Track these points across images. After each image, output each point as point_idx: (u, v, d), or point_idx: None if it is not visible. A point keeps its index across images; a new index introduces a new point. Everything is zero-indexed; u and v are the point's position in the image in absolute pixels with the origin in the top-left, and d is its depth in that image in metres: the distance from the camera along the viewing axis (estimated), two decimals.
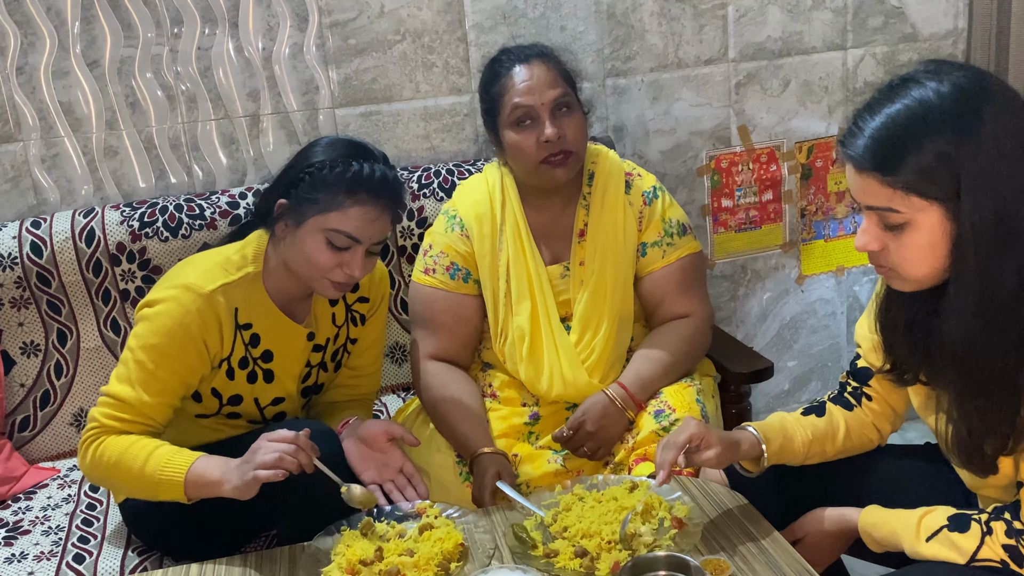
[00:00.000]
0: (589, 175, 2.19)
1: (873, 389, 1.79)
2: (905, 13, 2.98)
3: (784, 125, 2.98)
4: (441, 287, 2.19)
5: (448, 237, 2.20)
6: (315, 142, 1.94)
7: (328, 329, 2.05)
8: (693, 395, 2.10)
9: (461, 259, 2.19)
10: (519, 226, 2.17)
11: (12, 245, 2.32)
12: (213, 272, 1.90)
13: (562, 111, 2.07)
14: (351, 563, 1.67)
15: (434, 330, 2.20)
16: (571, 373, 2.11)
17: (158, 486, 1.76)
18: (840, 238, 3.11)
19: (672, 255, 2.18)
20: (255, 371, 1.96)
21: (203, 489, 1.75)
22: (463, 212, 2.21)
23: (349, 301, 2.08)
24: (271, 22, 2.53)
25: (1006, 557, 1.47)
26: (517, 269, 2.15)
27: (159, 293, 1.87)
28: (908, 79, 1.43)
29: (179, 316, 1.83)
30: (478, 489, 1.96)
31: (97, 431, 1.83)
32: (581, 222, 2.18)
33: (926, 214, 1.40)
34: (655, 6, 2.77)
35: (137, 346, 1.84)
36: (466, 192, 2.26)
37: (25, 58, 2.40)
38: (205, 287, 1.86)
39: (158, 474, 1.76)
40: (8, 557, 2.03)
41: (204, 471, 1.75)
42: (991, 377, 1.42)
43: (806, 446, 1.75)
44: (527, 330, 2.14)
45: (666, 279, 2.18)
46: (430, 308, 2.20)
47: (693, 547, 1.66)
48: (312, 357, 2.04)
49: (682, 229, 2.21)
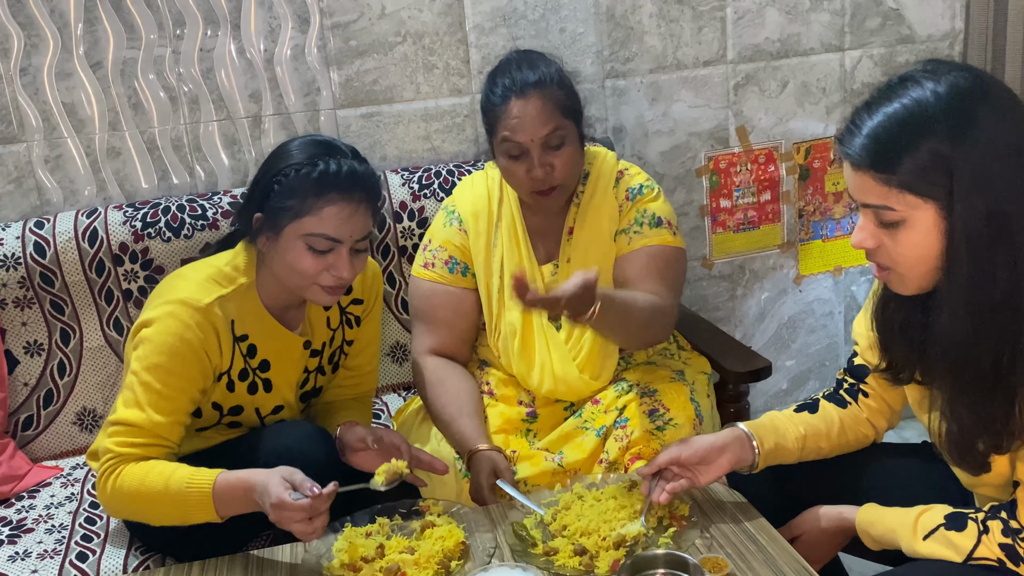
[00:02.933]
0: (584, 175, 2.19)
1: (870, 386, 1.80)
2: (902, 15, 2.99)
3: (782, 126, 2.99)
4: (440, 281, 2.21)
5: (447, 232, 2.22)
6: (280, 148, 1.89)
7: (323, 333, 2.04)
8: (688, 394, 2.11)
9: (460, 253, 2.21)
10: (515, 224, 2.19)
11: (16, 245, 2.33)
12: (207, 285, 1.86)
13: (553, 146, 2.03)
14: (353, 560, 1.68)
15: (433, 324, 2.22)
16: (562, 369, 2.12)
17: (185, 504, 1.72)
18: (838, 238, 3.13)
19: (638, 242, 2.14)
20: (255, 382, 1.94)
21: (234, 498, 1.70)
22: (461, 208, 2.24)
23: (343, 304, 2.07)
24: (273, 24, 2.54)
25: (1003, 556, 1.47)
26: (511, 266, 2.17)
27: (154, 311, 1.83)
28: (906, 79, 1.44)
29: (179, 331, 1.80)
30: (475, 487, 1.97)
31: (114, 461, 1.77)
32: (571, 220, 2.19)
33: (921, 212, 1.41)
34: (654, 8, 2.78)
35: (141, 368, 1.79)
36: (465, 188, 2.28)
37: (29, 59, 2.41)
38: (202, 300, 1.83)
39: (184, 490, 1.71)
40: (12, 555, 2.04)
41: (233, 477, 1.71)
42: (984, 376, 1.43)
43: (799, 442, 1.76)
44: (519, 327, 2.15)
45: (628, 264, 2.13)
46: (429, 302, 2.22)
47: (692, 545, 1.67)
48: (309, 363, 2.03)
49: (656, 221, 2.15)
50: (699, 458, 1.72)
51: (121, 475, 1.76)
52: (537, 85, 2.03)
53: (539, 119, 2.01)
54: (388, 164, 2.68)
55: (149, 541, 2.02)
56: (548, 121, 2.02)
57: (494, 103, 2.06)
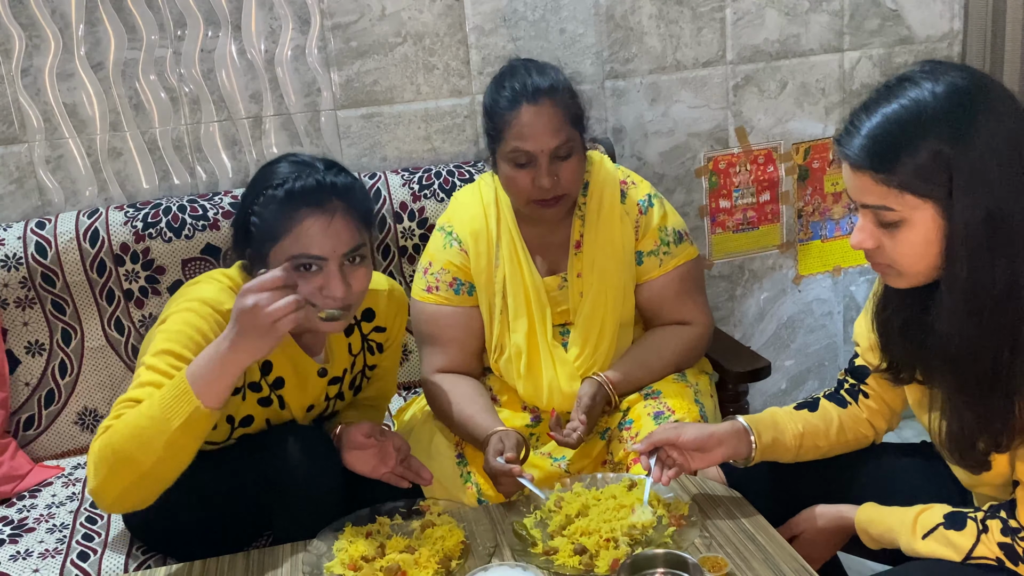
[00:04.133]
0: (584, 185, 2.16)
1: (870, 387, 1.80)
2: (901, 16, 3.00)
3: (781, 127, 3.00)
4: (446, 303, 2.18)
5: (447, 253, 2.19)
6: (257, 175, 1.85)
7: (344, 360, 1.98)
8: (692, 396, 2.11)
9: (463, 273, 2.18)
10: (514, 241, 2.15)
11: (17, 245, 2.34)
12: (228, 293, 1.81)
13: (562, 156, 2.02)
14: (353, 559, 1.68)
15: (443, 346, 2.19)
16: (569, 387, 2.11)
17: (167, 419, 1.58)
18: (837, 238, 3.13)
19: (669, 264, 2.18)
20: (269, 397, 1.89)
21: (215, 376, 1.59)
22: (459, 229, 2.19)
23: (365, 331, 2.01)
24: (273, 24, 2.54)
25: (1001, 555, 1.48)
26: (514, 285, 2.14)
27: (174, 307, 1.79)
28: (904, 79, 1.45)
29: (197, 324, 1.75)
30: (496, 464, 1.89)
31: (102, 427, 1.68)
32: (577, 233, 2.17)
33: (920, 212, 1.42)
34: (654, 9, 2.79)
35: (152, 354, 1.74)
36: (461, 208, 2.23)
37: (30, 60, 2.42)
38: (223, 304, 1.77)
39: (164, 404, 1.59)
40: (13, 554, 2.04)
41: (202, 360, 1.61)
42: (984, 374, 1.43)
43: (797, 439, 1.77)
44: (524, 348, 2.14)
45: (664, 288, 2.18)
46: (437, 325, 2.19)
47: (691, 544, 1.67)
48: (329, 390, 1.97)
49: (679, 237, 2.20)
50: (696, 445, 1.73)
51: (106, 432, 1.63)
52: (549, 92, 2.01)
53: (550, 128, 1.98)
54: (388, 165, 2.69)
55: (150, 541, 2.03)
56: (559, 131, 1.99)
57: (502, 108, 2.02)
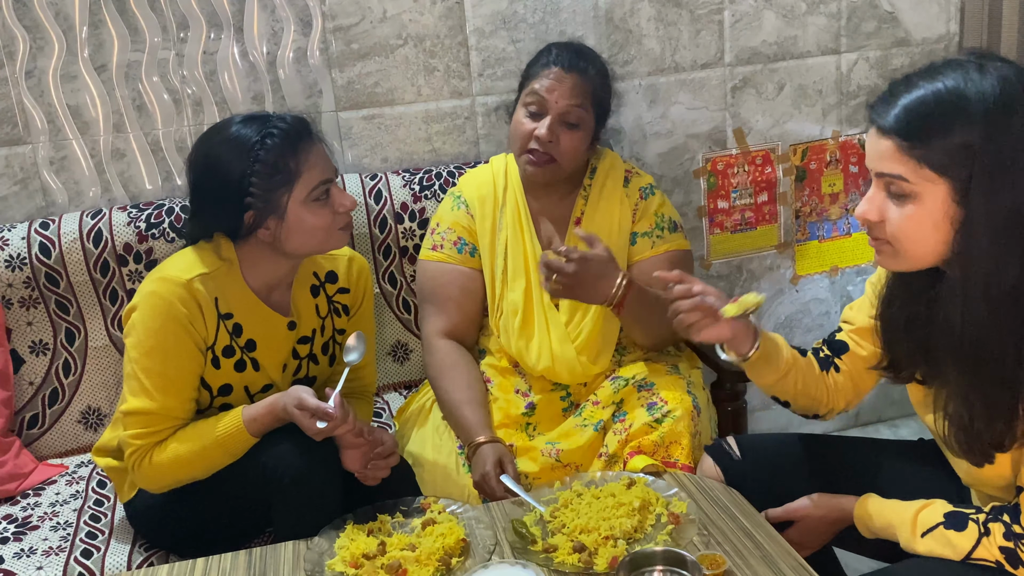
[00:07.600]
0: (592, 169, 2.30)
1: (844, 363, 1.81)
2: (898, 18, 3.02)
3: (779, 128, 3.01)
4: (449, 261, 2.29)
5: (454, 214, 2.32)
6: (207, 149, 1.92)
7: (312, 320, 2.06)
8: (684, 387, 2.15)
9: (468, 234, 2.30)
10: (519, 209, 2.28)
11: (21, 246, 2.35)
12: (189, 264, 1.90)
13: (568, 123, 2.17)
14: (354, 557, 1.70)
15: (442, 304, 2.28)
16: (560, 349, 2.19)
17: (224, 446, 1.85)
18: (834, 239, 3.15)
19: (661, 247, 2.27)
20: (242, 360, 1.96)
21: (266, 427, 1.86)
22: (467, 193, 2.34)
23: (330, 292, 2.09)
24: (275, 27, 2.56)
25: (1001, 559, 1.49)
26: (514, 249, 2.25)
27: (138, 296, 1.89)
28: (952, 62, 1.45)
29: (164, 308, 1.84)
30: (482, 478, 2.00)
31: (138, 453, 1.86)
32: (579, 210, 2.29)
33: (934, 190, 1.42)
34: (652, 11, 2.81)
35: (138, 355, 1.85)
36: (471, 176, 2.41)
37: (34, 62, 2.43)
38: (182, 276, 1.87)
39: (219, 438, 1.85)
40: (17, 552, 2.05)
41: (255, 410, 1.87)
42: (992, 364, 1.44)
43: (789, 363, 1.78)
44: (520, 305, 2.23)
45: (653, 268, 2.17)
46: (437, 283, 2.29)
47: (689, 542, 1.69)
48: (299, 348, 2.04)
49: (673, 226, 2.30)
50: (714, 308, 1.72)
51: (151, 457, 1.86)
52: (583, 69, 2.20)
53: (570, 91, 2.16)
54: (389, 166, 2.71)
55: (153, 538, 2.05)
56: (576, 96, 2.17)
57: (540, 62, 2.23)
